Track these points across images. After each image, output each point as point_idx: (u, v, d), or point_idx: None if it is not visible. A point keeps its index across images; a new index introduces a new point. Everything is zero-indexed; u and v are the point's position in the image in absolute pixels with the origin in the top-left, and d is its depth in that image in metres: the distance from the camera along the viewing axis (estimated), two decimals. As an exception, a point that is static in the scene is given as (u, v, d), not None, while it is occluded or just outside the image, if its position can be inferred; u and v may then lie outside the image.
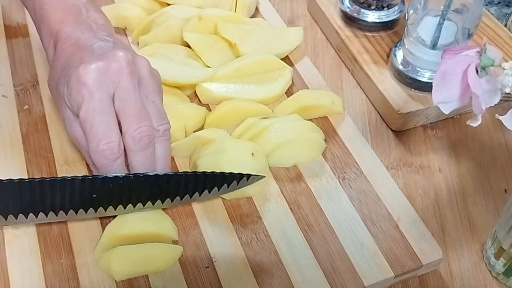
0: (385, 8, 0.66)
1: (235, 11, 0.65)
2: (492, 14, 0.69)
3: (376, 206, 0.51)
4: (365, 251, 0.48)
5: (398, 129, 0.60)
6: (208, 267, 0.46)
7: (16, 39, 0.63)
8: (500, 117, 0.39)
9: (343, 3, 0.67)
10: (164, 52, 0.59)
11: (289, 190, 0.52)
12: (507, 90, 0.39)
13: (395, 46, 0.62)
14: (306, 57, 0.63)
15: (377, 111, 0.62)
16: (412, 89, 0.59)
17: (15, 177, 0.43)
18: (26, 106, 0.57)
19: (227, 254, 0.47)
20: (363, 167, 0.53)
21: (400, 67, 0.60)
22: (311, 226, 0.49)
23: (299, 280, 0.46)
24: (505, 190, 0.55)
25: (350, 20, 0.67)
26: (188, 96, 0.58)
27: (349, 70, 0.66)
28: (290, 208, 0.50)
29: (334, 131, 0.56)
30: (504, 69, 0.39)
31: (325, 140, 0.54)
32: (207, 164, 0.50)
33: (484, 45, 0.40)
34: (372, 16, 0.66)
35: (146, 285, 0.45)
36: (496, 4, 0.80)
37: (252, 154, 0.50)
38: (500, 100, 0.40)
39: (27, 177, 0.46)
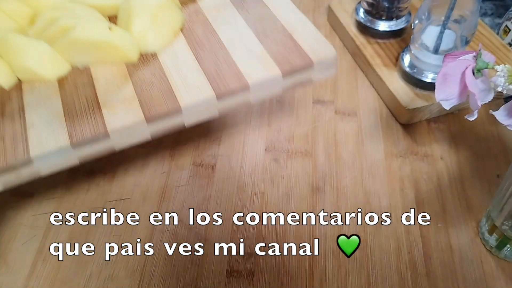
0: (394, 19, 0.68)
1: None
2: (486, 24, 0.71)
3: (271, 23, 0.47)
4: (254, 58, 0.44)
5: (406, 122, 0.61)
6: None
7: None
8: (494, 113, 0.41)
9: (358, 14, 0.69)
10: None
11: (186, 21, 0.50)
12: (499, 89, 0.40)
13: (403, 51, 0.64)
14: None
15: (388, 107, 0.63)
16: (418, 88, 0.61)
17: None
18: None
19: (109, 72, 0.44)
20: None
21: (407, 69, 0.61)
22: (202, 45, 0.46)
23: (179, 85, 0.43)
24: (498, 176, 0.56)
25: (364, 28, 0.68)
26: None
27: (363, 72, 0.68)
28: (183, 34, 0.48)
29: None
30: (497, 71, 0.40)
31: None
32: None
33: (480, 50, 0.41)
34: (383, 26, 0.68)
35: (18, 103, 0.43)
36: (489, 15, 0.82)
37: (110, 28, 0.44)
38: (494, 97, 0.42)
39: None
